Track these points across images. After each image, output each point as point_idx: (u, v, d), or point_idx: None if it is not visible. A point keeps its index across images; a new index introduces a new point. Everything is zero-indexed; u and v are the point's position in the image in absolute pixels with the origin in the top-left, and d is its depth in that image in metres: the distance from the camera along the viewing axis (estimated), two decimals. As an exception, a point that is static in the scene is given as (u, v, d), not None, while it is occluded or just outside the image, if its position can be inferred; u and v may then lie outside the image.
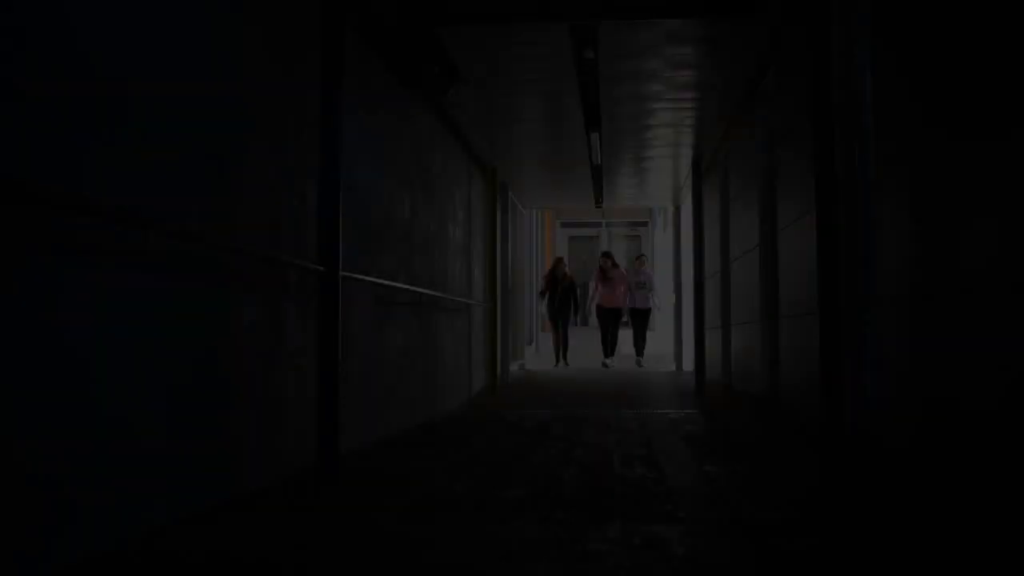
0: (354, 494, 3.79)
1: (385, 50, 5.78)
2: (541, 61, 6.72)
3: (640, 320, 14.78)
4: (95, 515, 2.72)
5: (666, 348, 16.84)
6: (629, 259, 16.91)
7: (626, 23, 5.88)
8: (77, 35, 2.66)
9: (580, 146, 9.54)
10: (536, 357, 16.42)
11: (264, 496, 3.74)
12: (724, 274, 8.98)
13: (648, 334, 15.25)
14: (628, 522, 3.21)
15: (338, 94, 4.24)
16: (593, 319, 15.44)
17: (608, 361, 14.58)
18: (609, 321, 14.71)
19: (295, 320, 4.31)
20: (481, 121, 8.53)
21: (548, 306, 14.75)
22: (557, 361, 14.82)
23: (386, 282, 5.78)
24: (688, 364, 12.88)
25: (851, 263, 4.62)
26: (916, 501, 3.49)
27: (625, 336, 15.54)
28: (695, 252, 10.56)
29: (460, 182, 9.04)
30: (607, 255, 15.11)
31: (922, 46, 3.47)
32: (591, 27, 5.98)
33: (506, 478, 4.20)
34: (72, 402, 2.62)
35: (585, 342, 16.59)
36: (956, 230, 3.19)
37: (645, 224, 24.37)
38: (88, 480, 2.68)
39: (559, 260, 15.40)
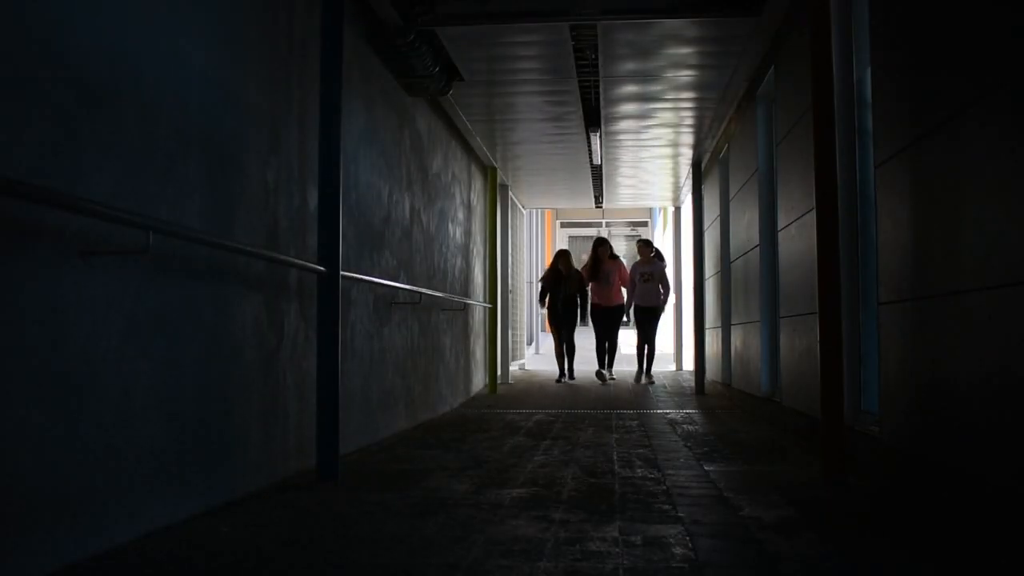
0: (354, 494, 3.79)
1: (385, 50, 5.78)
2: (541, 62, 6.73)
3: (646, 322, 11.39)
4: (94, 515, 2.72)
5: (666, 348, 16.85)
6: (632, 257, 14.54)
7: (626, 23, 5.89)
8: (75, 35, 2.66)
9: (580, 146, 9.54)
10: (536, 357, 16.40)
11: (264, 496, 3.74)
12: (724, 274, 8.98)
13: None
14: (628, 522, 3.21)
15: (338, 94, 4.24)
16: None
17: (605, 373, 11.51)
18: (607, 323, 11.57)
19: (295, 320, 4.31)
20: (481, 121, 8.53)
21: (550, 310, 11.75)
22: (561, 376, 11.70)
23: (386, 282, 5.78)
24: (688, 364, 12.86)
25: (851, 263, 4.62)
26: (915, 500, 3.49)
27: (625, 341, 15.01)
28: (695, 252, 10.56)
29: (460, 182, 9.03)
30: (602, 242, 11.82)
31: (921, 45, 3.47)
32: (591, 27, 5.98)
33: (506, 478, 4.20)
34: (73, 399, 2.62)
35: (585, 342, 16.51)
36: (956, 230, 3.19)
37: (645, 224, 24.46)
38: (87, 479, 2.68)
39: (562, 253, 11.85)
